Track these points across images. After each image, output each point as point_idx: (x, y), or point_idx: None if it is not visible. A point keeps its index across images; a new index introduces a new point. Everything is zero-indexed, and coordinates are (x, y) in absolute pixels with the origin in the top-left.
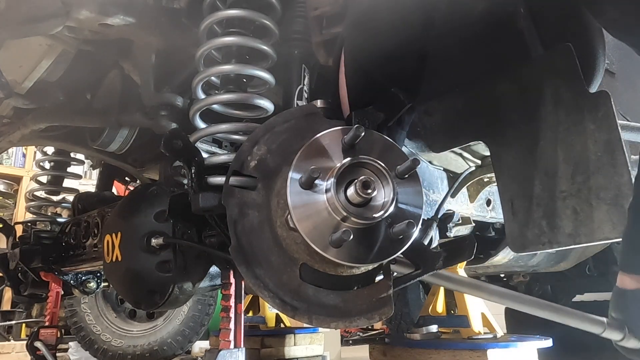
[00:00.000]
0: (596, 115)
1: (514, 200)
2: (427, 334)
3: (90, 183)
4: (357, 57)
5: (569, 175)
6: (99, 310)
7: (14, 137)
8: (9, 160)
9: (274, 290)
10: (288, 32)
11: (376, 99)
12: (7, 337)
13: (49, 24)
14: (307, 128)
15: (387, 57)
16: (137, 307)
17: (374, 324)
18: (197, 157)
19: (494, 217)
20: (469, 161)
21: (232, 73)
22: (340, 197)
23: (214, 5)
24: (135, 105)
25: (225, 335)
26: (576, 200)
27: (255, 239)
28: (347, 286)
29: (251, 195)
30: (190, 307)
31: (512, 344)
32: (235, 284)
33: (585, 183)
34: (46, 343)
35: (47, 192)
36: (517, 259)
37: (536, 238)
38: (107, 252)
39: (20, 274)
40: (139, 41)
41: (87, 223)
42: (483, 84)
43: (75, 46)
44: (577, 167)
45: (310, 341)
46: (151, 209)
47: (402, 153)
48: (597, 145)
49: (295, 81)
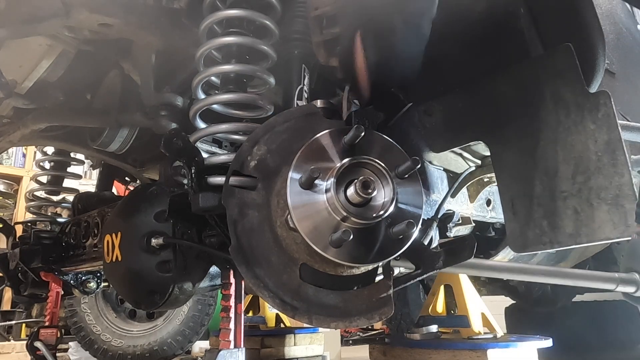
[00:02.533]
0: (596, 115)
1: (515, 200)
2: (427, 334)
3: (90, 183)
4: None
5: (569, 175)
6: (99, 310)
7: (14, 137)
8: (9, 160)
9: (274, 290)
10: (288, 32)
11: (376, 98)
12: (7, 337)
13: (49, 24)
14: (307, 128)
15: (388, 57)
16: (137, 307)
17: (374, 324)
18: (197, 157)
19: (494, 217)
20: (469, 161)
21: (232, 73)
22: (340, 197)
23: (214, 5)
24: (135, 105)
25: (225, 335)
26: (577, 200)
27: (255, 239)
28: (347, 286)
29: (251, 195)
30: (190, 307)
31: (512, 344)
32: (235, 284)
33: (585, 183)
34: (46, 343)
35: (47, 192)
36: (517, 259)
37: (537, 238)
38: (107, 252)
39: (20, 274)
40: (139, 41)
41: (87, 223)
42: (483, 84)
43: (75, 46)
44: (577, 167)
45: (310, 341)
46: (151, 209)
47: (402, 153)
48: (598, 145)
49: (295, 81)
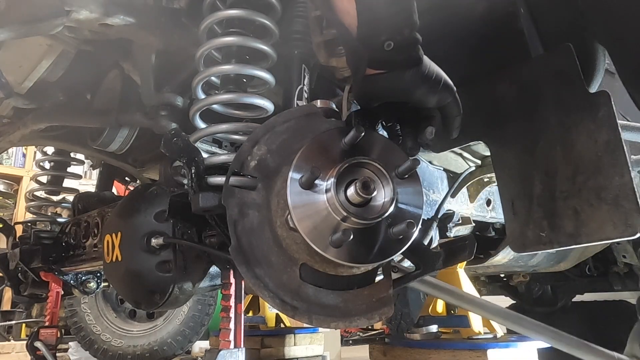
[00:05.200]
0: (596, 115)
1: (515, 200)
2: (427, 334)
3: (90, 183)
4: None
5: (569, 175)
6: (99, 310)
7: (14, 137)
8: (9, 160)
9: (274, 290)
10: (288, 32)
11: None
12: (7, 337)
13: (49, 24)
14: (307, 128)
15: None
16: (137, 307)
17: (374, 324)
18: (197, 157)
19: (494, 217)
20: (469, 161)
21: (232, 73)
22: (340, 197)
23: (214, 5)
24: (135, 105)
25: (225, 335)
26: (577, 200)
27: (255, 239)
28: (347, 286)
29: (251, 195)
30: (190, 307)
31: (512, 344)
32: (235, 284)
33: (585, 183)
34: (46, 343)
35: (47, 192)
36: (517, 259)
37: (537, 238)
38: (107, 252)
39: (20, 274)
40: (139, 41)
41: (87, 223)
42: (483, 84)
43: (75, 46)
44: (577, 167)
45: (310, 341)
46: (151, 209)
47: (402, 153)
48: (598, 145)
49: (295, 81)
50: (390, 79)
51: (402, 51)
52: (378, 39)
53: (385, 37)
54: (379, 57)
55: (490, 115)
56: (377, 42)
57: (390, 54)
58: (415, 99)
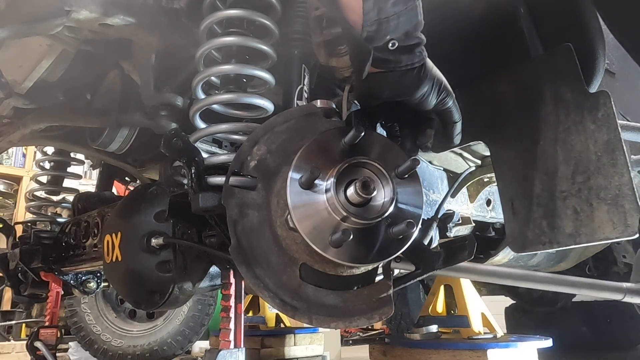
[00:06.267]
0: (596, 115)
1: (514, 200)
2: (427, 334)
3: (90, 183)
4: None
5: (569, 175)
6: (99, 310)
7: (14, 137)
8: (9, 160)
9: (274, 290)
10: (288, 32)
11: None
12: (7, 337)
13: (49, 24)
14: (307, 128)
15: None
16: (137, 307)
17: (374, 324)
18: (197, 157)
19: (494, 217)
20: (469, 161)
21: (232, 73)
22: (340, 197)
23: (214, 5)
24: (135, 105)
25: (225, 335)
26: (576, 200)
27: (255, 239)
28: (347, 286)
29: (251, 195)
30: (190, 307)
31: (512, 344)
32: (235, 284)
33: (585, 183)
34: (46, 343)
35: (47, 192)
36: (517, 259)
37: (536, 238)
38: (107, 252)
39: (20, 274)
40: (139, 41)
41: (87, 223)
42: (483, 84)
43: (75, 46)
44: (577, 167)
45: (310, 341)
46: (151, 209)
47: (402, 153)
48: (597, 145)
49: (295, 81)
50: (393, 78)
51: (406, 51)
52: (383, 37)
53: (390, 36)
54: (382, 55)
55: (490, 115)
56: (381, 40)
57: (394, 53)
58: (415, 99)
